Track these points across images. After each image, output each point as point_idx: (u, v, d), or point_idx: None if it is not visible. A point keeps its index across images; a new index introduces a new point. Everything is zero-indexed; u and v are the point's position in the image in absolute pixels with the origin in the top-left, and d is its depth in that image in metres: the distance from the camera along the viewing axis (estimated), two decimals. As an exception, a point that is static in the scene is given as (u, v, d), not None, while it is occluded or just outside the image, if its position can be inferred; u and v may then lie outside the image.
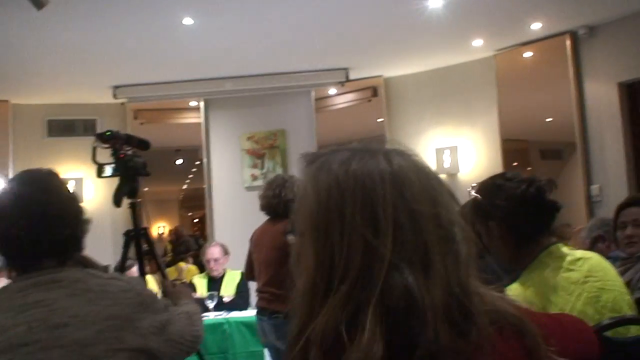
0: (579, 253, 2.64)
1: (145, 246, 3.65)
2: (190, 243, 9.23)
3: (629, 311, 2.54)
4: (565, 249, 2.62)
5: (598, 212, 7.05)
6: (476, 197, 2.71)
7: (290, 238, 4.72)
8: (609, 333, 2.38)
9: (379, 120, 8.48)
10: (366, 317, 1.10)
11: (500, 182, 2.65)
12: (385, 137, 8.30)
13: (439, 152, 8.08)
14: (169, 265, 8.76)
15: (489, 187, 2.70)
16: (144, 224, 3.67)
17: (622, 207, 4.01)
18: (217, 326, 5.93)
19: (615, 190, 6.93)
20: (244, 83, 8.15)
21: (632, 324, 2.49)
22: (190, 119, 8.69)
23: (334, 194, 1.20)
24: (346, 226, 1.17)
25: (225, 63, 7.65)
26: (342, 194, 1.19)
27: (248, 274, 5.64)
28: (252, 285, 7.07)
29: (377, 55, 7.75)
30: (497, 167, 7.68)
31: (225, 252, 6.91)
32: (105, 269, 3.32)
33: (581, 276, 2.52)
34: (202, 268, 8.34)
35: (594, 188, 7.14)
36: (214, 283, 6.76)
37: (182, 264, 8.94)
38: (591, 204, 7.17)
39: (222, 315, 6.20)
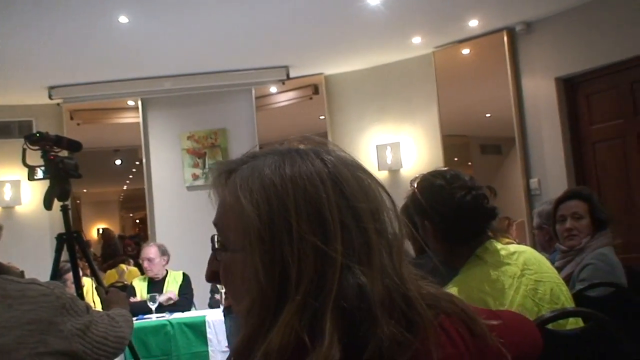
0: (513, 247, 2.66)
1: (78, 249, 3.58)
2: (118, 246, 9.09)
3: (566, 302, 2.57)
4: (498, 244, 2.64)
5: (537, 205, 7.14)
6: (415, 192, 2.71)
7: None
8: (549, 325, 2.41)
9: (320, 117, 8.48)
10: (325, 322, 1.08)
11: (439, 183, 2.64)
12: (327, 134, 8.30)
13: (381, 148, 8.09)
14: (110, 267, 8.64)
15: (428, 186, 2.69)
16: (78, 227, 3.60)
17: (560, 201, 4.05)
18: (159, 328, 5.85)
19: (553, 183, 7.04)
20: (183, 82, 8.06)
21: (572, 316, 2.51)
22: (129, 118, 8.57)
23: (275, 203, 1.15)
24: (295, 235, 1.13)
25: (163, 62, 7.55)
26: (284, 202, 1.16)
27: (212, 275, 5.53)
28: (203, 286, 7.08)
29: (318, 53, 7.74)
30: (438, 163, 7.75)
31: (163, 252, 6.82)
32: (21, 274, 3.25)
33: (518, 270, 2.54)
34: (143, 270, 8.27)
35: (533, 182, 7.24)
36: (155, 285, 6.66)
37: (123, 266, 8.82)
38: (530, 197, 7.28)
39: (165, 316, 6.12)
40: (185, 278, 6.87)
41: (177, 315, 6.18)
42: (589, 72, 6.83)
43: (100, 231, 9.81)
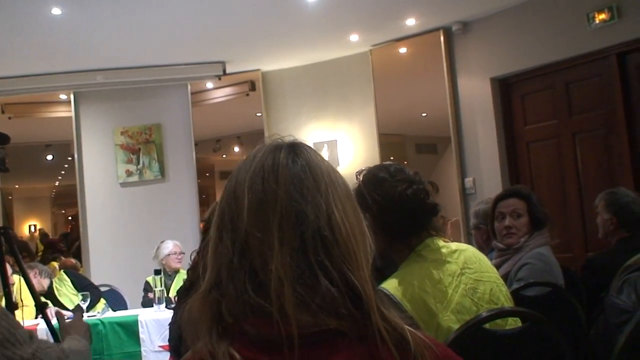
0: (454, 245, 2.65)
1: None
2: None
3: (505, 302, 2.56)
4: (440, 242, 2.62)
5: (472, 204, 7.20)
6: (359, 184, 2.68)
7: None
8: (487, 325, 2.40)
9: (257, 114, 8.40)
10: None
11: (382, 175, 2.63)
12: (263, 132, 8.22)
13: (318, 146, 8.03)
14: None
15: (371, 178, 2.67)
16: (8, 223, 3.47)
17: (499, 199, 4.06)
18: (91, 327, 5.68)
19: (488, 182, 7.10)
20: (116, 75, 7.88)
21: (510, 316, 2.50)
22: (61, 112, 8.36)
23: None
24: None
25: (96, 55, 7.36)
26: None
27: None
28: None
29: (255, 49, 7.64)
30: (375, 161, 7.73)
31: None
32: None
33: (458, 268, 2.53)
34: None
35: (468, 181, 7.29)
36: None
37: (55, 264, 8.62)
38: (465, 196, 7.32)
39: (96, 315, 5.98)
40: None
41: (109, 315, 6.04)
42: (524, 72, 6.90)
43: (32, 229, 9.59)
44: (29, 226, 9.54)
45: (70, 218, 9.30)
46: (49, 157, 9.14)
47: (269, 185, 1.23)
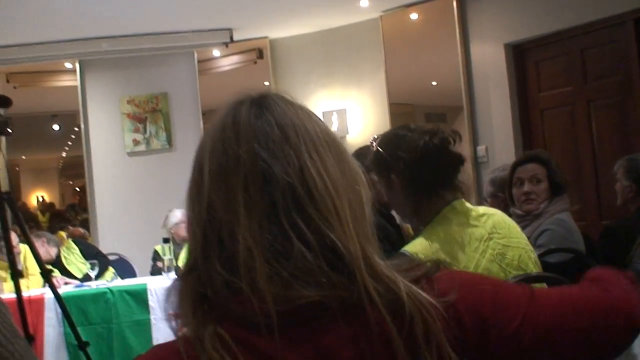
0: (482, 209, 2.58)
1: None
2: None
3: (534, 268, 2.50)
4: (468, 204, 2.54)
5: (484, 172, 7.10)
6: (377, 149, 2.60)
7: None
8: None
9: (265, 83, 8.28)
10: None
11: (402, 132, 2.56)
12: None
13: (327, 115, 7.92)
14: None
15: (390, 138, 2.60)
16: (16, 195, 3.40)
17: (518, 164, 3.97)
18: (99, 296, 5.62)
19: (501, 150, 6.99)
20: (122, 43, 7.73)
21: (537, 282, 2.43)
22: (67, 82, 8.25)
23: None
24: None
25: (101, 22, 7.20)
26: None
27: None
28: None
29: (262, 16, 7.50)
30: (385, 129, 7.59)
31: None
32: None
33: (485, 232, 2.46)
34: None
35: (480, 149, 7.18)
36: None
37: (62, 233, 8.57)
38: (477, 165, 7.22)
39: (105, 284, 5.92)
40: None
41: (118, 283, 5.98)
42: (538, 38, 6.76)
43: (40, 199, 9.56)
44: (37, 197, 9.52)
45: (78, 189, 9.26)
46: (56, 128, 9.08)
47: (230, 146, 1.11)
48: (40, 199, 9.62)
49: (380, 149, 2.59)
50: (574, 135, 6.61)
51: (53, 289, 3.69)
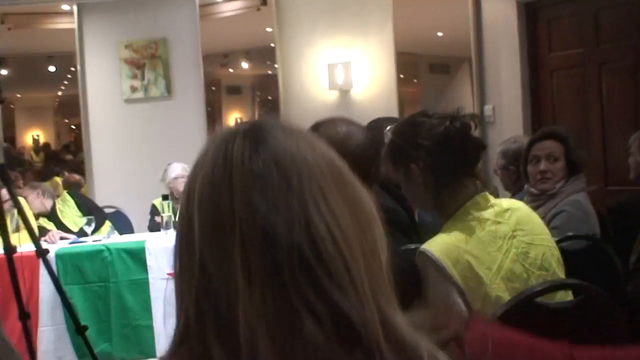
0: (506, 203, 2.48)
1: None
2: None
3: (557, 268, 2.41)
4: (491, 198, 2.44)
5: (491, 132, 7.00)
6: (393, 139, 2.49)
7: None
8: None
9: (267, 29, 8.05)
10: None
11: (420, 119, 2.45)
12: (274, 48, 7.89)
13: (332, 67, 7.71)
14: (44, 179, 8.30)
15: (408, 126, 2.49)
16: (11, 133, 3.29)
17: (534, 141, 3.84)
18: (95, 254, 5.54)
19: (508, 110, 6.86)
20: None
21: (562, 289, 2.34)
22: (63, 24, 8.03)
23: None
24: None
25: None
26: None
27: None
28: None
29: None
30: (391, 83, 7.48)
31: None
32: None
33: (509, 230, 2.37)
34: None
35: (487, 108, 7.03)
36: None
37: (58, 179, 8.46)
38: (484, 124, 7.07)
39: (101, 240, 5.82)
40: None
41: (115, 239, 5.89)
42: (552, -4, 6.58)
43: (36, 137, 9.44)
44: (32, 136, 9.40)
45: (74, 127, 9.13)
46: (52, 69, 8.89)
47: (222, 195, 0.94)
48: (36, 137, 9.50)
49: (397, 139, 2.47)
50: (583, 99, 6.46)
51: (49, 270, 3.52)
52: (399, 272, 1.01)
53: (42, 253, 3.71)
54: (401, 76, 7.67)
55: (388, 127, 2.61)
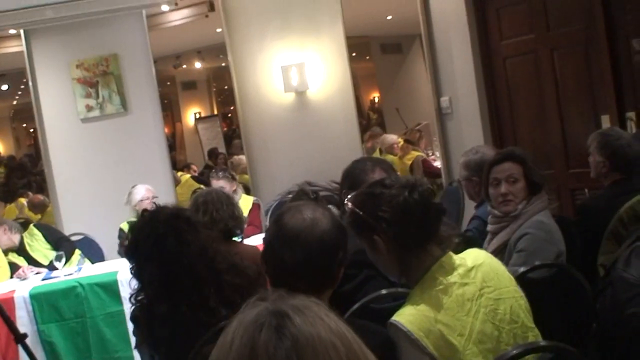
0: (470, 260, 2.51)
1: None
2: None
3: (525, 319, 2.47)
4: (456, 259, 2.48)
5: (449, 124, 7.05)
6: (354, 210, 2.51)
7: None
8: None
9: (217, 30, 8.00)
10: None
11: (379, 190, 2.47)
12: (224, 45, 7.84)
13: (286, 69, 7.69)
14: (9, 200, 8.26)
15: (368, 197, 2.51)
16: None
17: (494, 163, 3.87)
18: (69, 290, 5.55)
19: (465, 100, 6.92)
20: (67, 9, 7.27)
21: (540, 352, 2.39)
22: (12, 47, 7.90)
23: None
24: None
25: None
26: None
27: None
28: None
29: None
30: (346, 83, 7.52)
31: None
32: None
33: (476, 289, 2.41)
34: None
35: (444, 100, 7.09)
36: None
37: (22, 200, 8.41)
38: (442, 116, 7.13)
39: (72, 275, 5.80)
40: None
41: (86, 273, 5.87)
42: (498, -15, 6.60)
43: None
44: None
45: (32, 130, 9.03)
46: (4, 87, 8.79)
47: None
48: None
49: (358, 210, 2.50)
50: (538, 84, 6.51)
51: (30, 355, 3.50)
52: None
53: (20, 338, 3.69)
54: (353, 54, 7.68)
55: (348, 197, 2.62)
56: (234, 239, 4.44)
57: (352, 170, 3.47)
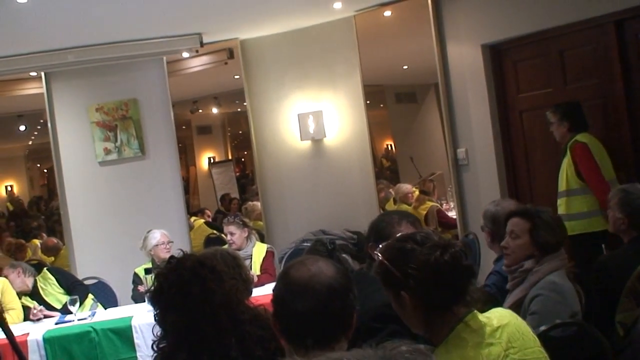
0: (496, 320, 2.49)
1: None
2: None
3: None
4: (482, 318, 2.46)
5: (465, 175, 7.05)
6: (384, 262, 2.50)
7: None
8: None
9: (235, 77, 8.09)
10: None
11: (410, 246, 2.45)
12: (242, 90, 7.92)
13: (303, 117, 7.76)
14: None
15: (398, 252, 2.49)
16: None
17: (508, 217, 3.87)
18: (83, 335, 5.52)
19: (481, 152, 6.93)
20: (88, 53, 7.35)
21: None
22: (32, 89, 7.99)
23: None
24: None
25: (66, 34, 6.88)
26: None
27: None
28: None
29: (232, 18, 7.19)
30: (362, 131, 7.55)
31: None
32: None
33: (502, 350, 2.39)
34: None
35: (460, 152, 7.09)
36: None
37: (36, 242, 8.41)
38: (458, 167, 7.13)
39: (87, 320, 5.79)
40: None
41: (100, 319, 5.85)
42: (516, 39, 6.64)
43: (9, 188, 9.36)
44: (5, 187, 9.33)
45: (45, 171, 9.08)
46: (22, 128, 8.87)
47: None
48: (9, 188, 9.43)
49: (387, 262, 2.49)
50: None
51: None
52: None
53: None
54: (368, 102, 7.72)
55: (378, 249, 2.61)
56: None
57: (379, 223, 3.45)
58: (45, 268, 6.65)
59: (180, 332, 2.79)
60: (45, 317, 6.03)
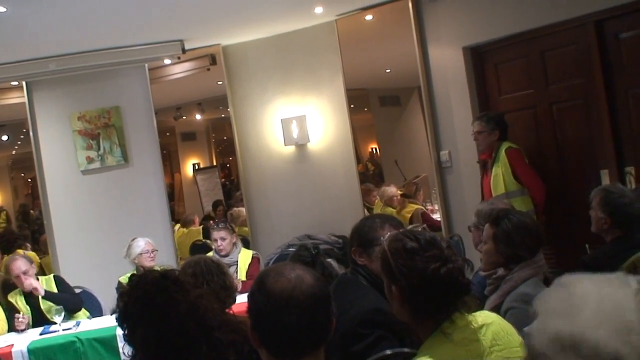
0: (481, 319, 2.51)
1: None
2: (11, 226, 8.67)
3: None
4: (468, 317, 2.47)
5: (449, 177, 7.06)
6: (386, 252, 2.50)
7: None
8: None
9: (218, 82, 8.07)
10: None
11: (412, 246, 2.45)
12: (225, 96, 7.91)
13: (286, 122, 7.76)
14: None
15: (399, 246, 2.48)
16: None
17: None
18: (68, 345, 5.49)
19: (465, 156, 6.92)
20: (70, 62, 7.33)
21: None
22: (13, 99, 7.94)
23: None
24: None
25: (47, 43, 6.86)
26: None
27: None
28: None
29: (214, 24, 7.19)
30: (346, 136, 7.54)
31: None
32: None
33: (486, 346, 2.42)
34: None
35: (444, 154, 7.09)
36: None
37: (20, 252, 8.33)
38: (441, 169, 7.14)
39: (72, 330, 5.75)
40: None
41: (84, 328, 5.81)
42: (497, 40, 6.64)
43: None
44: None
45: (29, 180, 9.02)
46: (4, 138, 8.80)
47: None
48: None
49: (389, 253, 2.48)
50: (537, 138, 6.56)
51: None
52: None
53: None
54: (352, 106, 7.71)
55: (385, 234, 2.61)
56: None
57: (362, 228, 3.41)
58: (52, 275, 6.61)
59: (150, 347, 2.76)
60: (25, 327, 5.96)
